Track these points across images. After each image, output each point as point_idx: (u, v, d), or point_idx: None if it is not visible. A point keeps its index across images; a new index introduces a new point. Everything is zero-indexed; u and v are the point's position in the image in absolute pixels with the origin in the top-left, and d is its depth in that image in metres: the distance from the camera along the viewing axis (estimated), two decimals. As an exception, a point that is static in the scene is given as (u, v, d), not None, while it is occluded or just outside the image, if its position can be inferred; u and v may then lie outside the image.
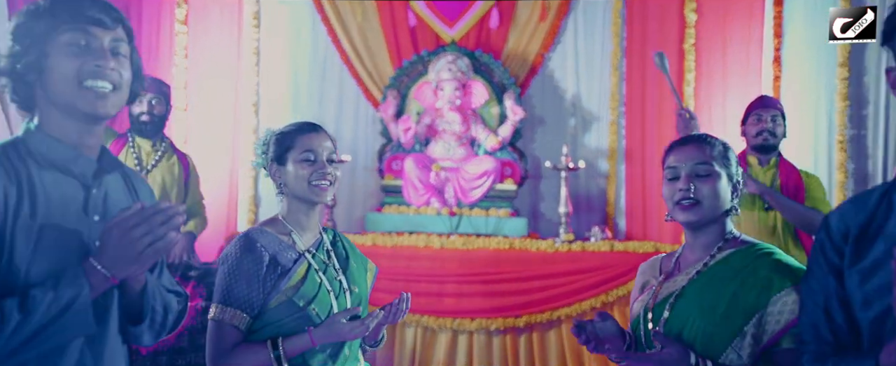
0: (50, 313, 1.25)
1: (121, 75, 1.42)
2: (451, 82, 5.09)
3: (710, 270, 1.72)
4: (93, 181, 1.42)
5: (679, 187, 1.76)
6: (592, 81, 5.56)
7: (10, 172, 1.33)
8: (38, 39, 1.37)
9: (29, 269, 1.29)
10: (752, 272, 1.66)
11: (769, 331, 1.61)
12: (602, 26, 5.52)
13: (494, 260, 4.49)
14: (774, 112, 3.45)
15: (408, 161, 5.02)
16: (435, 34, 5.47)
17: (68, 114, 1.39)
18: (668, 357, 1.62)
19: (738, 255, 1.73)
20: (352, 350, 1.98)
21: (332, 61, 5.56)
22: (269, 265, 1.88)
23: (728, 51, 5.27)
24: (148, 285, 1.45)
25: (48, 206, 1.34)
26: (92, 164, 1.43)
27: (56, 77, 1.37)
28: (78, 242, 1.36)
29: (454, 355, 4.46)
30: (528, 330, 4.43)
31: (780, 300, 1.60)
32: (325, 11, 5.48)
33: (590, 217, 5.29)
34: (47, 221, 1.33)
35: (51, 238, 1.33)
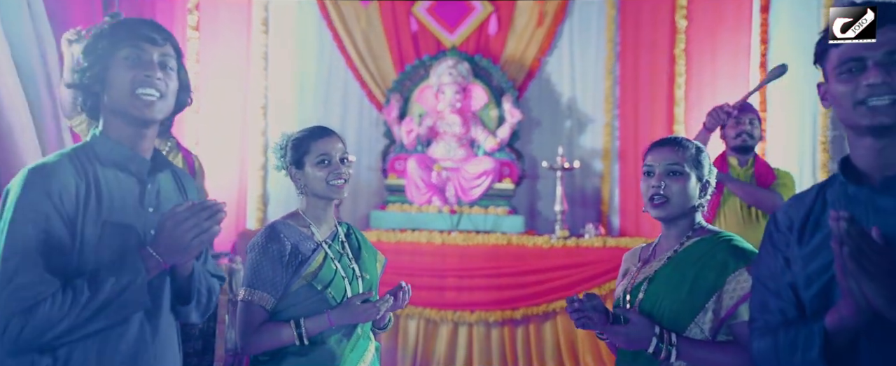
0: (113, 292, 1.48)
1: (167, 85, 1.65)
2: (452, 86, 5.30)
3: (678, 256, 1.95)
4: (147, 178, 1.65)
5: (652, 184, 1.99)
6: (587, 85, 5.78)
7: (81, 171, 1.56)
8: (102, 55, 1.60)
9: (96, 252, 1.52)
10: (712, 256, 1.89)
11: (725, 306, 1.84)
12: (596, 32, 5.74)
13: (493, 256, 4.71)
14: (751, 116, 3.67)
15: (410, 161, 5.24)
16: (436, 40, 5.70)
17: (124, 119, 1.62)
18: (634, 329, 1.85)
19: (702, 243, 1.95)
20: (364, 330, 2.19)
21: (337, 66, 5.78)
22: (290, 253, 2.10)
23: (717, 56, 5.48)
24: (195, 270, 1.68)
25: (111, 199, 1.57)
26: (146, 163, 1.66)
27: (114, 86, 1.60)
28: (135, 230, 1.59)
29: (455, 345, 4.68)
30: (525, 322, 4.65)
31: (735, 279, 1.84)
32: (331, 17, 5.69)
33: (585, 215, 5.50)
34: (110, 212, 1.56)
35: (113, 226, 1.56)
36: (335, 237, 2.23)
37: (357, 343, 2.17)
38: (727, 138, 3.65)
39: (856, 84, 1.41)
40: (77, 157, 1.59)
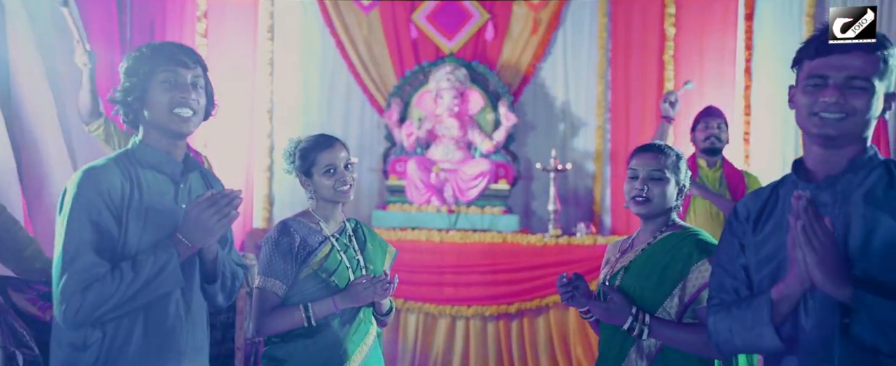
0: (152, 272, 1.74)
1: (199, 103, 1.90)
2: (450, 91, 5.53)
3: (651, 248, 2.19)
4: (180, 178, 1.91)
5: (636, 186, 2.23)
6: (580, 90, 6.00)
7: (126, 172, 1.82)
8: (143, 78, 1.85)
9: (138, 240, 1.77)
10: (680, 249, 2.13)
11: (689, 292, 2.08)
12: (589, 39, 5.95)
13: (489, 253, 4.94)
14: (719, 120, 3.92)
15: (410, 163, 5.47)
16: (435, 46, 5.92)
17: (162, 132, 1.88)
18: (614, 306, 2.10)
19: (672, 237, 2.19)
20: (365, 315, 2.43)
21: (340, 71, 6.00)
22: (299, 246, 2.34)
23: (704, 62, 5.71)
24: (219, 255, 1.93)
25: (150, 196, 1.83)
26: (179, 165, 1.91)
27: (154, 105, 1.85)
28: (170, 222, 1.84)
29: (452, 338, 4.92)
30: (519, 316, 4.89)
31: (697, 269, 2.08)
32: (334, 25, 5.92)
33: (577, 214, 5.72)
34: (149, 207, 1.81)
35: (152, 219, 1.81)
36: (343, 232, 2.47)
37: (359, 327, 2.41)
38: (697, 141, 3.90)
39: (815, 97, 1.62)
40: (122, 160, 1.84)
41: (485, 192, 5.44)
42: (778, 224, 1.73)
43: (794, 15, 5.57)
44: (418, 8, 5.92)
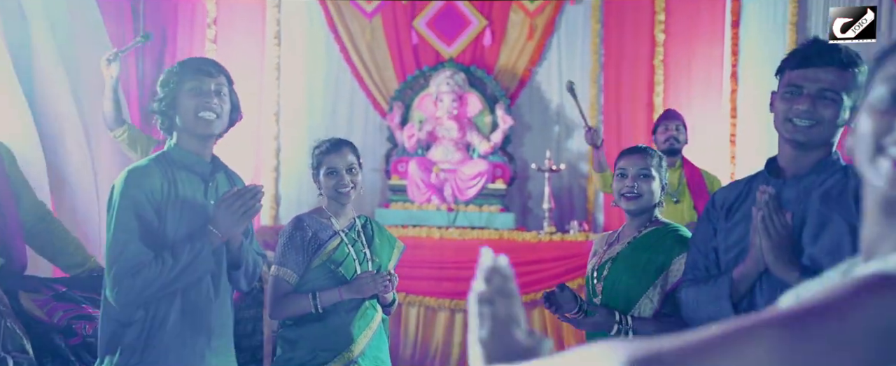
0: (188, 259, 2.00)
1: (221, 108, 2.16)
2: (450, 94, 5.78)
3: (636, 242, 2.43)
4: (209, 177, 2.18)
5: (626, 184, 2.48)
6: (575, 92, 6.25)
7: (164, 172, 2.09)
8: (173, 88, 2.12)
9: (175, 231, 2.03)
10: (662, 243, 2.37)
11: (670, 281, 2.32)
12: (582, 45, 6.20)
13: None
14: (678, 122, 4.19)
15: (411, 164, 5.72)
16: (435, 51, 6.17)
17: (191, 135, 2.14)
18: (601, 319, 2.33)
19: (656, 232, 2.44)
20: (371, 302, 2.67)
21: (344, 76, 6.25)
22: (310, 239, 2.59)
23: (692, 66, 5.97)
24: (243, 243, 2.19)
25: (184, 193, 2.09)
26: (208, 166, 2.18)
27: (183, 111, 2.12)
28: (201, 215, 2.11)
29: (451, 330, 5.16)
30: None
31: (679, 261, 2.31)
32: (338, 31, 6.17)
33: (571, 212, 5.97)
34: (184, 202, 2.08)
35: (186, 213, 2.08)
36: (352, 227, 2.72)
37: (364, 313, 2.65)
38: (657, 143, 4.18)
39: (791, 105, 1.83)
40: (160, 161, 2.11)
41: (482, 191, 5.69)
42: (746, 214, 2.00)
43: (778, 23, 5.82)
44: (419, 14, 6.17)
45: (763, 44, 5.83)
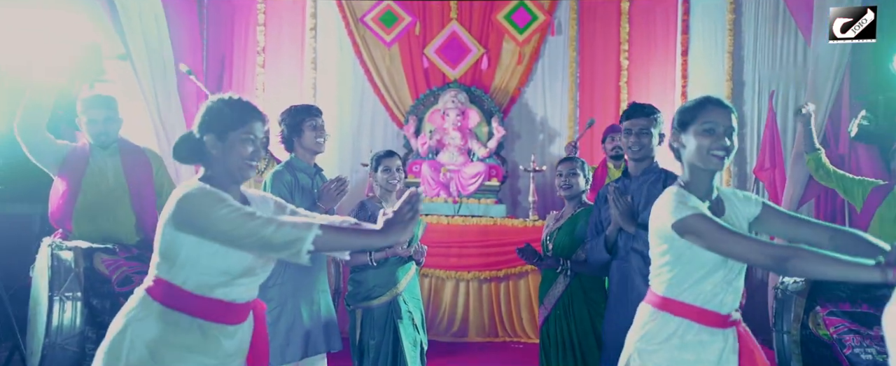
0: None
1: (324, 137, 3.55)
2: (454, 109, 7.14)
3: (572, 218, 3.83)
4: (314, 176, 3.56)
5: (563, 181, 3.89)
6: (555, 108, 7.60)
7: (292, 172, 3.46)
8: (297, 123, 3.49)
9: (299, 205, 3.41)
10: (585, 217, 3.77)
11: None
12: (562, 69, 7.56)
13: (484, 233, 6.53)
14: (620, 134, 5.54)
15: (424, 165, 7.08)
16: (442, 74, 7.51)
17: (307, 152, 3.52)
18: (552, 263, 3.73)
19: (584, 211, 3.82)
20: (409, 259, 4.03)
21: (368, 94, 7.60)
22: (369, 216, 3.95)
23: (650, 87, 7.33)
24: (333, 212, 3.59)
25: (303, 184, 3.47)
26: (313, 169, 3.56)
27: (305, 138, 3.49)
28: (311, 197, 3.48)
29: (457, 295, 6.48)
30: (506, 279, 6.47)
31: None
32: (364, 58, 7.52)
33: (551, 204, 7.29)
34: (303, 189, 3.46)
35: (305, 195, 3.45)
36: (395, 209, 4.11)
37: (404, 263, 4.01)
38: (606, 150, 5.51)
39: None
40: (288, 166, 3.50)
41: (481, 187, 7.03)
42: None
43: (719, 52, 7.17)
44: (429, 43, 7.52)
45: (706, 68, 7.19)
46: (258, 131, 2.30)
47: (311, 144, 3.56)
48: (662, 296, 2.25)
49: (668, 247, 2.22)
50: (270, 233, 2.07)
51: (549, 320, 3.86)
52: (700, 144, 2.23)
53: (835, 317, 3.23)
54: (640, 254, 3.17)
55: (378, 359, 3.91)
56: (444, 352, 5.82)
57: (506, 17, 7.47)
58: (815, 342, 3.25)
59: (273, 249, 2.10)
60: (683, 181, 2.32)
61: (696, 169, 2.27)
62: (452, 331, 6.37)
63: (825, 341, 3.21)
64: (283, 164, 3.57)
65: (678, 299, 2.22)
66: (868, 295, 3.25)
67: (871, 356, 3.13)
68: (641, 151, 3.27)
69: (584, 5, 7.52)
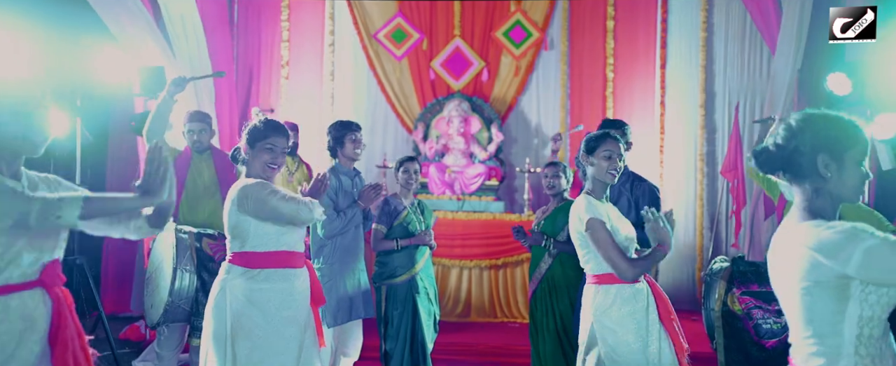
0: (350, 215, 4.24)
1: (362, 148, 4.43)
2: (458, 117, 8.00)
3: (555, 210, 4.69)
4: (354, 178, 4.43)
5: (548, 181, 4.77)
6: (548, 115, 8.46)
7: (336, 175, 4.33)
8: (340, 136, 4.36)
9: (343, 204, 4.29)
10: (567, 209, 4.62)
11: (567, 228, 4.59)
12: (554, 80, 8.41)
13: (484, 226, 7.39)
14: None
15: (431, 167, 7.93)
16: (447, 85, 8.35)
17: (348, 159, 4.39)
18: (537, 239, 4.61)
19: (565, 205, 4.68)
20: (424, 248, 4.90)
21: (380, 103, 8.45)
22: (393, 209, 4.81)
23: (634, 97, 8.20)
24: (369, 211, 4.46)
25: (345, 186, 4.34)
26: (353, 173, 4.43)
27: (346, 149, 4.37)
28: (352, 196, 4.35)
29: (461, 281, 7.33)
30: (504, 266, 7.32)
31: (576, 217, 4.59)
32: (376, 70, 8.38)
33: (544, 200, 8.19)
34: (345, 191, 4.32)
35: (346, 196, 4.32)
36: (412, 204, 4.98)
37: (421, 248, 4.88)
38: None
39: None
40: (332, 170, 4.37)
41: (482, 186, 7.88)
42: None
43: (693, 66, 8.05)
44: (435, 57, 8.36)
45: (682, 80, 8.07)
46: (278, 143, 3.23)
47: (351, 154, 4.43)
48: (596, 275, 3.16)
49: (586, 240, 3.12)
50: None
51: (536, 292, 4.73)
52: (601, 166, 3.15)
53: (746, 296, 4.08)
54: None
55: (400, 327, 4.78)
56: (450, 330, 6.64)
57: (504, 33, 8.32)
58: (732, 316, 4.10)
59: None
60: (589, 190, 3.22)
61: (598, 182, 3.20)
62: (457, 312, 7.20)
63: (739, 314, 4.07)
64: (328, 169, 4.43)
65: (607, 273, 3.11)
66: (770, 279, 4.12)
67: (770, 325, 4.02)
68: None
69: (574, 23, 8.37)
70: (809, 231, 1.80)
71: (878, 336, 1.77)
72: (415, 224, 4.86)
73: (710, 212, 7.94)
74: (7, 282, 2.18)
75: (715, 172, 7.92)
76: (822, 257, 1.74)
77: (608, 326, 3.11)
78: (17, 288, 2.19)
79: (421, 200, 5.09)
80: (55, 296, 2.26)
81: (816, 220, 1.83)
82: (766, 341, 4.18)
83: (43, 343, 2.20)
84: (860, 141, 1.87)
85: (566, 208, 4.68)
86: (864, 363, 1.75)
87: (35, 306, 2.22)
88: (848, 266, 1.71)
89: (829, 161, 1.84)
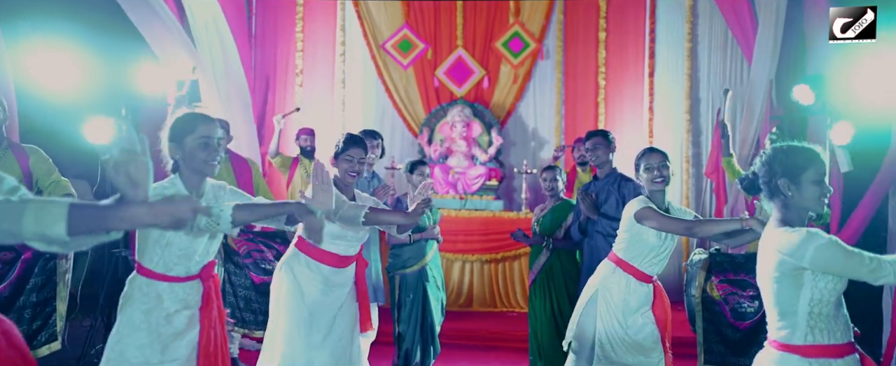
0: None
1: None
2: (460, 122, 8.59)
3: (554, 207, 5.29)
4: (371, 180, 5.03)
5: (547, 185, 5.38)
6: (544, 120, 9.04)
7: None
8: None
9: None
10: (565, 209, 5.21)
11: (566, 224, 5.19)
12: (550, 87, 9.00)
13: (485, 223, 7.96)
14: (583, 145, 6.97)
15: (436, 168, 8.48)
16: (450, 92, 8.93)
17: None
18: (538, 239, 5.21)
19: (560, 203, 5.31)
20: (432, 241, 5.50)
21: (388, 109, 9.03)
22: (405, 207, 5.43)
23: (624, 102, 8.80)
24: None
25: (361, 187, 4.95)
26: (370, 175, 5.03)
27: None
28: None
29: (463, 274, 7.90)
30: (503, 260, 7.89)
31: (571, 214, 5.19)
32: (384, 78, 8.98)
33: (541, 199, 8.79)
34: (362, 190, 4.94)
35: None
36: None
37: (430, 242, 5.49)
38: (574, 158, 6.97)
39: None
40: None
41: (482, 186, 8.44)
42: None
43: (680, 74, 8.65)
44: (439, 66, 8.94)
45: (669, 88, 8.65)
46: (356, 154, 3.84)
47: (368, 159, 5.04)
48: (621, 259, 3.77)
49: (631, 224, 3.68)
50: None
51: (535, 281, 5.34)
52: (646, 176, 3.68)
53: (723, 284, 4.69)
54: (602, 234, 4.64)
55: (411, 312, 5.39)
56: (454, 319, 7.17)
57: (503, 44, 8.90)
58: (711, 301, 4.71)
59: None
60: (646, 196, 3.72)
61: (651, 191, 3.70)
62: (459, 303, 7.77)
63: (717, 300, 4.68)
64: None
65: (627, 261, 3.73)
66: (744, 268, 4.70)
67: (744, 309, 4.63)
68: (598, 161, 4.76)
69: (569, 35, 8.96)
70: (779, 236, 2.35)
71: (827, 313, 2.30)
72: (424, 220, 5.45)
73: (695, 209, 8.51)
74: (176, 275, 2.86)
75: (700, 173, 8.51)
76: (786, 255, 2.29)
77: (607, 298, 3.77)
78: (183, 280, 2.88)
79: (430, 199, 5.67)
80: (209, 287, 2.94)
81: (785, 227, 2.40)
82: (740, 322, 4.80)
83: (192, 319, 2.92)
84: (814, 164, 2.40)
85: (562, 207, 5.31)
86: (814, 334, 2.31)
87: (193, 293, 2.92)
88: (803, 260, 2.26)
89: (789, 183, 2.38)
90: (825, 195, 2.41)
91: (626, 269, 3.77)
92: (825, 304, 2.32)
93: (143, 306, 2.82)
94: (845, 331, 2.35)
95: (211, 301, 2.94)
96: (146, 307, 2.82)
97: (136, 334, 2.78)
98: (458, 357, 6.04)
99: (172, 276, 2.84)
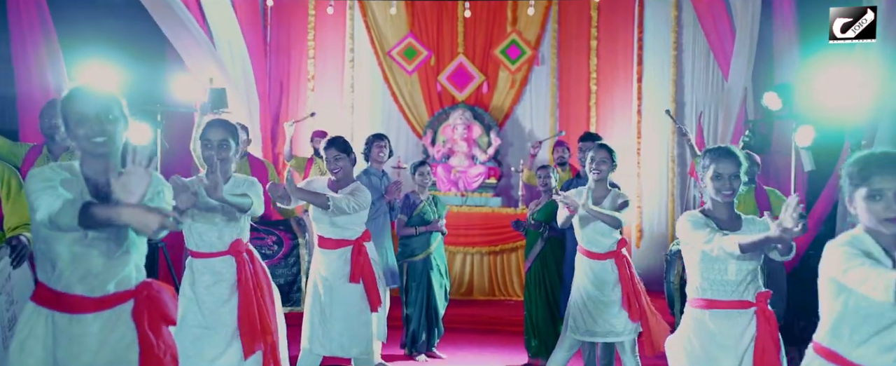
0: (376, 208, 5.48)
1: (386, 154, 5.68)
2: (462, 124, 9.19)
3: (544, 204, 5.93)
4: (381, 179, 5.64)
5: (542, 181, 6.01)
6: (540, 122, 9.66)
7: (366, 177, 5.56)
8: (369, 143, 5.60)
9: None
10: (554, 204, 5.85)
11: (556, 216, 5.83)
12: (545, 92, 9.61)
13: (484, 218, 8.57)
14: (564, 147, 7.52)
15: (438, 168, 9.11)
16: (452, 96, 9.54)
17: (375, 162, 5.63)
18: (533, 226, 5.84)
19: (551, 202, 5.93)
20: (437, 232, 6.12)
21: (393, 112, 9.64)
22: (412, 202, 6.05)
23: (614, 106, 9.39)
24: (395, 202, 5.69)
25: (373, 185, 5.55)
26: (380, 173, 5.64)
27: (373, 154, 5.60)
28: (379, 194, 5.56)
29: (464, 265, 8.51)
30: (501, 253, 8.50)
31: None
32: (390, 82, 9.60)
33: (536, 196, 9.40)
34: (372, 189, 5.55)
35: (374, 194, 5.54)
36: (428, 199, 6.20)
37: (435, 233, 6.12)
38: (555, 159, 7.58)
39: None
40: (365, 172, 5.61)
41: (482, 184, 9.07)
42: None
43: (666, 80, 9.24)
44: (442, 71, 9.54)
45: (656, 92, 9.25)
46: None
47: (378, 158, 5.64)
48: (611, 252, 4.42)
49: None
50: None
51: (531, 268, 5.96)
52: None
53: None
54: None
55: (418, 296, 6.04)
56: (456, 306, 7.77)
57: (501, 51, 9.52)
58: None
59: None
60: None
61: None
62: (461, 292, 8.37)
63: None
64: (362, 171, 5.64)
65: (610, 252, 4.38)
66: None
67: None
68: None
69: (562, 43, 9.58)
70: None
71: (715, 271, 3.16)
72: (429, 214, 6.08)
73: (680, 206, 9.15)
74: (206, 251, 3.58)
75: (684, 172, 9.11)
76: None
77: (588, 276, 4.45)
78: (214, 255, 3.58)
79: (436, 196, 6.31)
80: (240, 261, 3.57)
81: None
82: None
83: (232, 289, 3.58)
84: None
85: (555, 202, 5.93)
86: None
87: (227, 267, 3.58)
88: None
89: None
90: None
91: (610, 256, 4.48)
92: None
93: (188, 278, 3.63)
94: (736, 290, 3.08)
95: (243, 274, 3.57)
96: (190, 279, 3.61)
97: (182, 300, 3.55)
98: (461, 340, 6.67)
99: (202, 252, 3.57)
